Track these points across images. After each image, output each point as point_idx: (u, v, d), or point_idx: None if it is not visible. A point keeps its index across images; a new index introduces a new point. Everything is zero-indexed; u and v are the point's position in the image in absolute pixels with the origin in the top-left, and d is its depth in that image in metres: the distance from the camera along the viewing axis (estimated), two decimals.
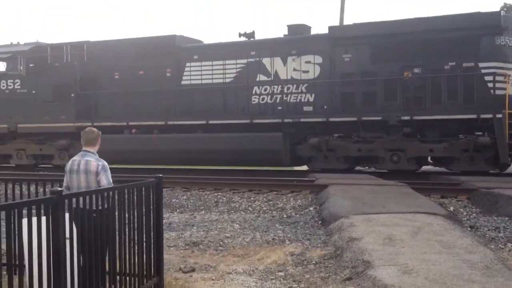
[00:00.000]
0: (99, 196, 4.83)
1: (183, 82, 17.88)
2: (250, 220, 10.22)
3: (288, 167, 17.02)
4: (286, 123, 16.19)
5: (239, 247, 7.92)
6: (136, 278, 5.28)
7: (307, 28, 17.46)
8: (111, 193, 4.94)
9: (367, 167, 16.46)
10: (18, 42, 20.92)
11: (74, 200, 4.49)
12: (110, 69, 18.81)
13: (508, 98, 13.77)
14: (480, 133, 14.60)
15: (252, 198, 12.55)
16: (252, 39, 17.86)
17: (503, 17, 14.30)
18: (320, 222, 9.80)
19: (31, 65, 20.09)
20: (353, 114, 15.43)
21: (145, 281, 5.42)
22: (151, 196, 5.54)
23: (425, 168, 16.35)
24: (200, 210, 11.84)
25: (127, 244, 5.14)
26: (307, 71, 16.35)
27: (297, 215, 10.73)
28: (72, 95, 19.10)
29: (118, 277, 5.02)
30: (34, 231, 3.86)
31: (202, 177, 15.41)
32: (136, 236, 5.30)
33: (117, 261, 5.02)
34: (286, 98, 16.55)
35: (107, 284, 4.92)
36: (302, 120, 16.02)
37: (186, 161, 17.78)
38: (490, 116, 13.95)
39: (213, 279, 6.26)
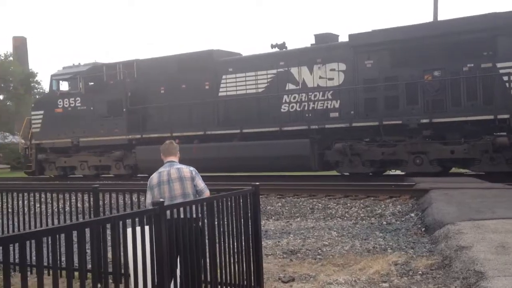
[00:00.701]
0: (198, 206, 4.91)
1: (220, 94, 19.00)
2: (347, 228, 9.89)
3: (316, 172, 17.60)
4: (312, 129, 16.83)
5: (339, 256, 7.62)
6: None
7: (334, 37, 17.99)
8: (210, 202, 5.02)
9: (393, 170, 16.71)
10: (79, 63, 23.00)
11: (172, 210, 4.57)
12: (156, 84, 20.33)
13: None
14: (504, 133, 14.49)
15: (348, 204, 12.15)
16: (284, 49, 18.65)
17: None
18: (423, 229, 9.33)
19: (90, 83, 22.09)
20: (374, 119, 15.82)
21: None
22: (249, 205, 5.55)
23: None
24: (295, 217, 11.62)
25: (226, 253, 5.14)
26: (332, 78, 16.93)
27: (398, 222, 10.25)
28: (124, 109, 20.82)
29: (219, 287, 5.08)
30: (137, 241, 4.02)
31: (296, 183, 15.47)
32: (235, 244, 5.30)
33: (218, 271, 5.04)
34: (313, 105, 17.20)
35: None
36: (327, 126, 16.60)
37: (225, 169, 18.83)
38: (507, 116, 13.88)
39: None
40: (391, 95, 15.94)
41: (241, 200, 5.41)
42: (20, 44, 55.28)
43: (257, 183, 5.78)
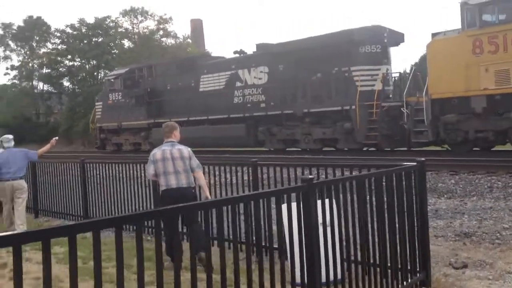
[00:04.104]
0: (353, 182, 4.62)
1: (200, 90, 25.60)
2: None
3: (251, 147, 23.57)
4: (246, 116, 22.82)
5: None
6: (399, 273, 4.90)
7: (269, 46, 23.49)
8: (371, 179, 4.76)
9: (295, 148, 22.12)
10: (122, 68, 30.98)
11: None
12: (165, 82, 27.51)
13: (359, 93, 18.41)
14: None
15: None
16: (242, 54, 24.69)
17: (360, 31, 18.86)
18: None
19: (127, 82, 29.97)
20: (278, 109, 21.41)
21: (409, 277, 5.04)
22: (413, 182, 5.23)
23: None
24: (471, 196, 10.74)
25: (387, 234, 4.83)
26: (260, 78, 22.68)
27: None
28: (144, 101, 28.33)
29: (378, 269, 4.69)
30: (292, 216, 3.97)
31: (472, 159, 14.48)
32: (397, 225, 4.94)
33: (377, 253, 4.78)
34: (251, 98, 23.11)
35: (367, 277, 4.54)
36: (254, 114, 22.49)
37: (199, 145, 25.44)
38: (349, 107, 18.79)
39: (490, 279, 5.57)
40: (293, 92, 21.33)
41: (403, 177, 5.13)
42: (197, 27, 58.86)
43: (423, 159, 5.43)
